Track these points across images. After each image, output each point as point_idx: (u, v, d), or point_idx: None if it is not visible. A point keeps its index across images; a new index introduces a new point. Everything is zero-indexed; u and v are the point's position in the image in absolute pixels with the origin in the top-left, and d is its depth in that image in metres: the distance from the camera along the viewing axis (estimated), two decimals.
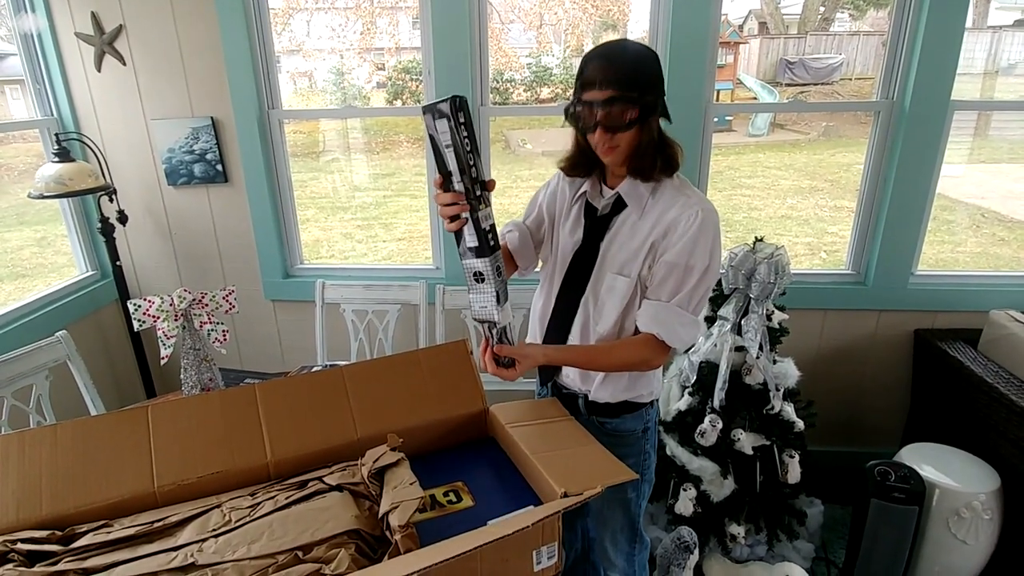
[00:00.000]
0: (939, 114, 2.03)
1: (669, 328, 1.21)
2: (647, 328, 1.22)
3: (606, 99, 1.12)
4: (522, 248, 1.41)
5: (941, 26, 1.95)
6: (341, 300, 2.24)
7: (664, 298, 1.21)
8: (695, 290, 1.19)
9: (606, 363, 1.27)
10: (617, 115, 1.13)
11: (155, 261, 2.53)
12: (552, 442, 1.18)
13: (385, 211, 6.73)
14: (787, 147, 8.47)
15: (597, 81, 1.12)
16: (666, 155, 1.21)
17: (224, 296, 1.32)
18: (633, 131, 1.15)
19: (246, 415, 1.17)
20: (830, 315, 2.32)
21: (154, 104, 2.31)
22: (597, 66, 1.13)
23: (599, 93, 1.12)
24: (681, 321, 1.21)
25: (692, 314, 1.21)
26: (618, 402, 1.33)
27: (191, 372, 1.31)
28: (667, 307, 1.20)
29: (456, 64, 2.15)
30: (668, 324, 1.20)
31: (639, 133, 1.17)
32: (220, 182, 2.37)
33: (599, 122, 1.15)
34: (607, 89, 1.11)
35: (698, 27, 2.04)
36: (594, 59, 1.14)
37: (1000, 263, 5.30)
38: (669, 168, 1.22)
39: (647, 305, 1.23)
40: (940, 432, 2.12)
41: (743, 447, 1.88)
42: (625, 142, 1.17)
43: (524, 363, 1.19)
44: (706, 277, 1.19)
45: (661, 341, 1.21)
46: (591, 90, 1.13)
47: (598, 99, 1.13)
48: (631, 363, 1.27)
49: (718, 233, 1.20)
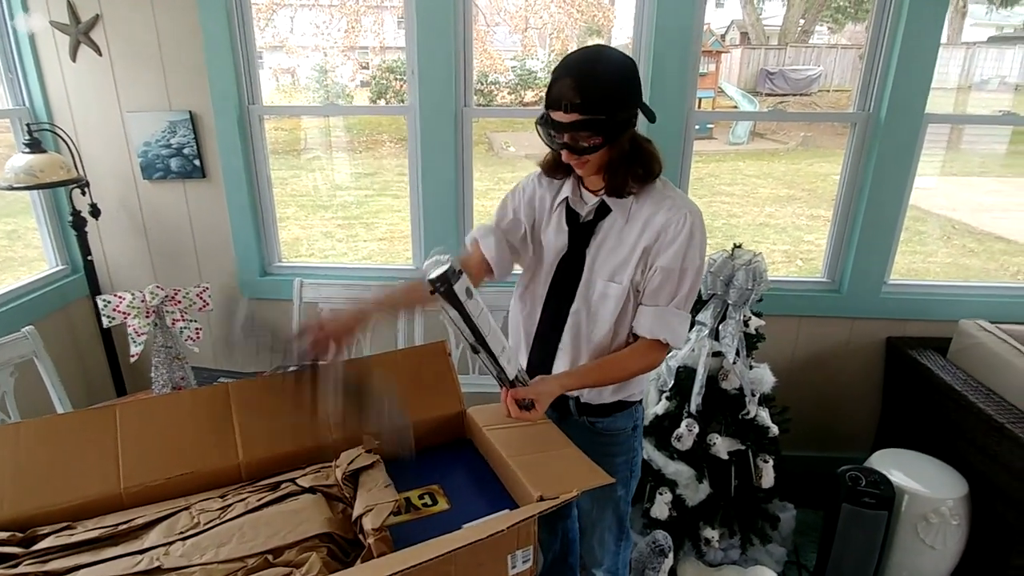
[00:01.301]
0: (913, 126, 2.08)
1: (672, 330, 1.22)
2: (651, 334, 1.23)
3: (571, 123, 1.10)
4: (498, 255, 1.36)
5: (917, 40, 2.00)
6: (319, 299, 2.21)
7: (662, 302, 1.22)
8: (690, 291, 1.22)
9: (620, 375, 1.28)
10: (583, 139, 1.12)
11: (128, 257, 2.47)
12: (529, 445, 1.18)
13: (366, 210, 6.68)
14: (766, 156, 8.59)
15: (563, 103, 1.08)
16: (641, 166, 1.19)
17: (198, 293, 1.29)
18: (602, 151, 1.14)
19: (218, 415, 1.15)
20: (805, 322, 2.36)
21: (130, 96, 2.26)
22: (564, 85, 1.08)
23: (564, 116, 1.10)
24: (680, 321, 1.23)
25: (685, 312, 1.24)
26: (609, 402, 1.34)
27: (162, 370, 1.28)
28: (667, 310, 1.22)
29: (440, 64, 2.14)
30: (670, 327, 1.22)
31: (608, 151, 1.15)
32: (197, 177, 2.33)
33: (565, 143, 1.14)
34: (572, 112, 1.09)
35: (681, 35, 2.06)
36: (562, 75, 1.10)
37: (970, 274, 5.43)
38: (646, 178, 1.21)
39: (648, 312, 1.23)
40: (910, 438, 2.16)
41: (719, 452, 1.89)
42: (594, 159, 1.16)
43: (543, 400, 1.14)
44: (697, 277, 1.22)
45: (664, 343, 1.23)
46: (556, 110, 1.11)
47: (563, 121, 1.10)
48: (641, 370, 1.28)
49: (704, 232, 1.22)
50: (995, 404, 1.84)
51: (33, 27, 2.16)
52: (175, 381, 1.30)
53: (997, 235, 6.12)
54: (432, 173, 2.27)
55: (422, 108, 2.19)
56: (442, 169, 2.26)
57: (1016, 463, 1.70)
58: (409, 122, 2.26)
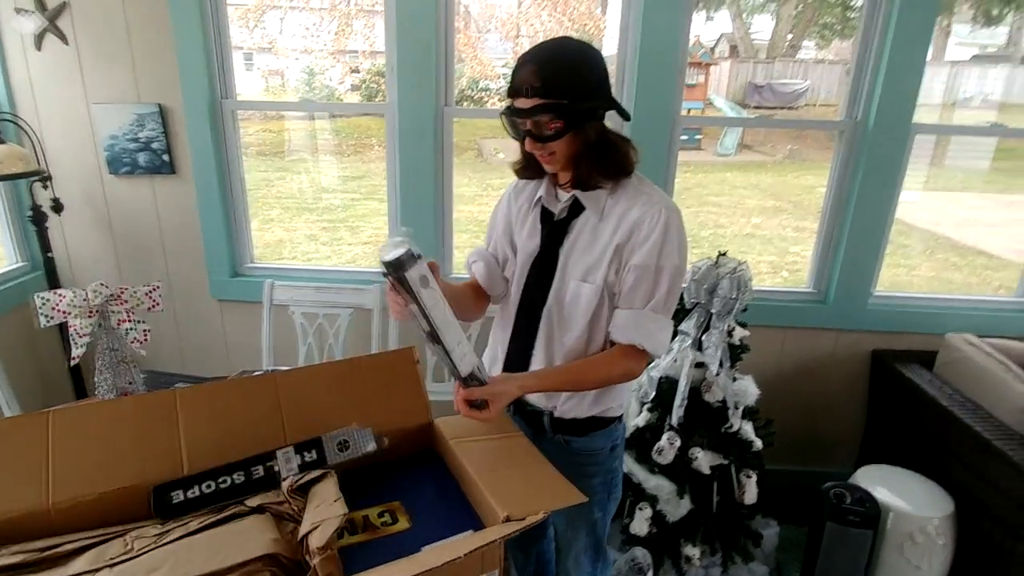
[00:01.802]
0: (901, 135, 2.04)
1: (648, 335, 1.14)
2: (625, 338, 1.15)
3: (531, 108, 1.07)
4: (490, 277, 1.33)
5: (905, 49, 1.97)
6: (290, 302, 2.13)
7: (638, 305, 1.15)
8: (669, 293, 1.14)
9: (590, 381, 1.20)
10: (544, 125, 1.09)
11: (93, 254, 2.37)
12: (499, 461, 1.11)
13: (352, 214, 6.60)
14: (753, 167, 8.64)
15: (524, 88, 1.07)
16: (610, 159, 1.14)
17: (147, 292, 1.20)
18: (566, 139, 1.10)
19: (162, 424, 1.06)
20: (790, 333, 2.31)
21: (97, 87, 2.17)
22: (526, 71, 1.07)
23: (526, 101, 1.08)
24: (659, 326, 1.15)
25: (665, 317, 1.16)
26: (586, 418, 1.26)
27: (106, 375, 1.19)
28: (643, 314, 1.14)
29: (420, 60, 2.08)
30: (647, 331, 1.14)
31: (573, 141, 1.11)
32: (166, 173, 2.24)
33: (527, 131, 1.11)
34: (533, 97, 1.06)
35: (667, 41, 2.01)
36: (525, 62, 1.08)
37: (953, 287, 5.45)
38: (616, 172, 1.16)
39: (621, 315, 1.16)
40: (895, 453, 2.11)
41: (701, 466, 1.83)
42: (560, 150, 1.12)
43: (498, 401, 1.07)
44: (677, 277, 1.14)
45: (642, 350, 1.15)
46: (519, 97, 1.08)
47: (524, 107, 1.08)
48: (614, 377, 1.20)
49: (683, 231, 1.15)
50: (982, 420, 1.79)
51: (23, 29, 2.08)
52: (121, 387, 1.21)
53: (979, 250, 6.17)
54: (411, 173, 2.20)
55: (401, 106, 2.12)
56: (421, 169, 2.19)
57: (1003, 481, 1.65)
58: (388, 121, 2.19)
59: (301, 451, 1.08)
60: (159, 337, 2.46)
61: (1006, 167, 7.64)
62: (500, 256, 1.33)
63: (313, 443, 1.09)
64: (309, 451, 1.08)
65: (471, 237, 5.97)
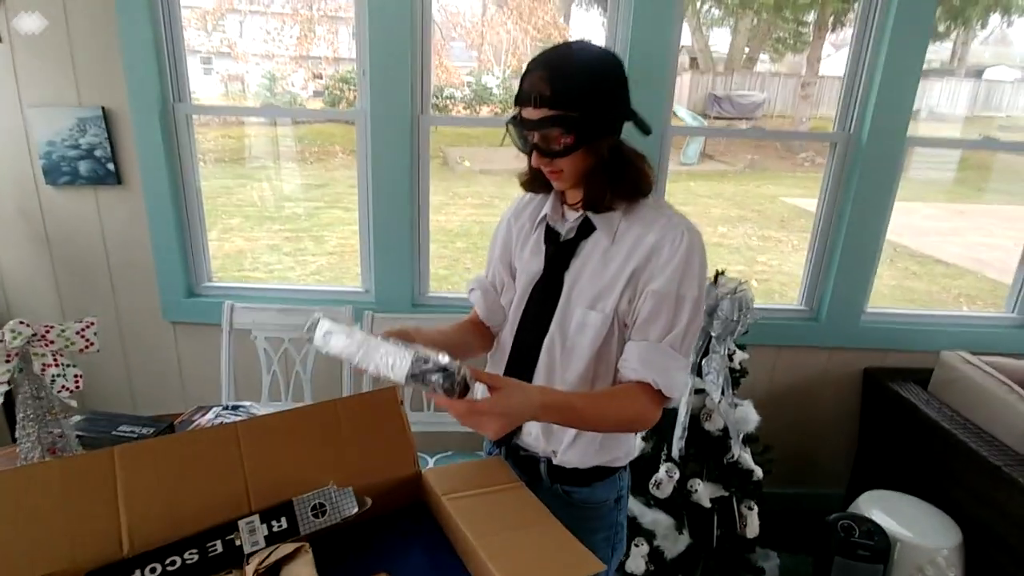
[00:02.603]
0: (896, 148, 1.99)
1: (665, 374, 0.98)
2: (638, 375, 0.99)
3: (540, 119, 0.94)
4: (488, 307, 1.19)
5: (900, 61, 1.92)
6: (252, 325, 1.94)
7: (653, 338, 1.00)
8: (688, 326, 1.00)
9: (611, 417, 1.01)
10: (553, 139, 0.96)
11: (27, 273, 2.13)
12: (498, 519, 0.96)
13: (316, 223, 6.36)
14: (716, 176, 8.74)
15: (532, 96, 0.94)
16: (626, 179, 1.01)
17: (79, 331, 1.01)
18: (576, 156, 0.97)
19: (97, 491, 0.88)
20: (783, 352, 2.23)
21: (33, 88, 1.94)
22: (535, 78, 0.94)
23: (533, 111, 0.94)
24: (676, 365, 0.99)
25: (684, 356, 1.01)
26: (589, 467, 1.11)
27: (30, 429, 0.99)
28: (659, 348, 0.99)
29: (395, 65, 1.93)
30: (663, 369, 0.98)
31: (585, 157, 0.98)
32: (111, 183, 2.02)
33: (535, 144, 0.98)
34: (542, 107, 0.93)
35: (658, 49, 1.92)
36: (534, 68, 0.95)
37: (914, 295, 5.56)
38: (631, 192, 1.02)
39: (636, 348, 1.01)
40: (890, 476, 2.05)
41: (701, 499, 1.72)
42: (569, 167, 0.99)
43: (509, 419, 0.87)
44: (697, 311, 1.00)
45: (657, 391, 0.99)
46: (526, 106, 0.95)
47: (533, 118, 0.95)
48: (628, 418, 1.02)
49: (705, 259, 1.02)
50: (987, 444, 1.73)
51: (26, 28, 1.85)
52: (48, 442, 1.01)
53: (937, 259, 6.33)
54: (384, 184, 2.04)
55: (373, 113, 1.97)
56: (395, 180, 2.04)
57: (1015, 509, 1.59)
58: (359, 128, 2.03)
59: (269, 519, 0.91)
60: (104, 367, 2.24)
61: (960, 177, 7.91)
62: (497, 283, 1.20)
63: (283, 508, 0.93)
64: (278, 519, 0.92)
65: (438, 247, 5.81)
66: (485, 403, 0.85)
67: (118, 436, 1.33)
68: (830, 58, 6.83)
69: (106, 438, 1.31)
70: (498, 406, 0.85)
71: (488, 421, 0.85)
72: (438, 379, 0.82)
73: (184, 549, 0.86)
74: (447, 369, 0.82)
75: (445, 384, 0.81)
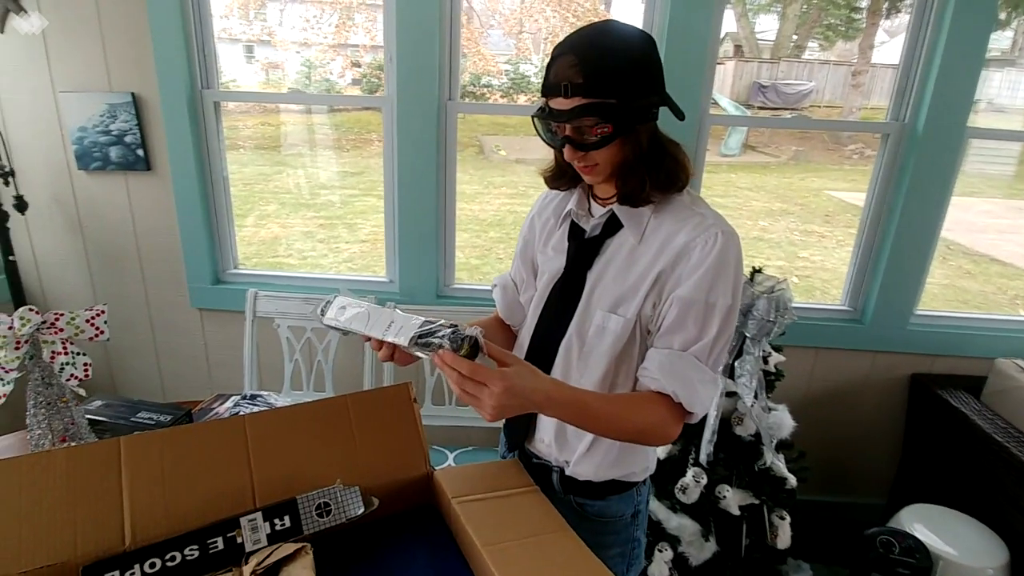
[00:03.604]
0: (954, 140, 1.85)
1: (688, 386, 0.90)
2: (658, 385, 0.92)
3: (572, 109, 0.86)
4: (507, 305, 1.15)
5: (961, 46, 1.78)
6: (275, 314, 1.93)
7: (677, 346, 0.92)
8: (717, 338, 0.91)
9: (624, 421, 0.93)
10: (588, 130, 0.87)
11: (62, 258, 2.17)
12: (510, 526, 0.91)
13: (350, 210, 6.41)
14: (758, 168, 8.49)
15: (562, 85, 0.85)
16: (663, 171, 0.92)
17: (89, 319, 1.00)
18: (613, 147, 0.89)
19: (102, 482, 0.87)
20: (822, 354, 2.12)
21: (65, 74, 1.97)
22: (564, 64, 0.86)
23: (564, 101, 0.86)
24: (701, 378, 0.91)
25: (712, 370, 0.92)
26: (603, 481, 1.05)
27: (40, 416, 0.99)
28: (683, 358, 0.91)
29: (423, 50, 1.88)
30: (687, 381, 0.90)
31: (622, 149, 0.90)
32: (141, 169, 2.04)
33: (567, 137, 0.89)
34: (574, 96, 0.85)
35: (697, 34, 1.82)
36: (562, 54, 0.86)
37: (967, 296, 5.29)
38: (668, 186, 0.94)
39: (657, 355, 0.93)
40: (935, 489, 1.93)
41: (729, 506, 1.64)
42: (604, 160, 0.91)
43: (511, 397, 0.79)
44: (728, 321, 0.91)
45: (678, 404, 0.92)
46: (556, 96, 0.87)
47: (564, 109, 0.86)
48: (643, 428, 0.94)
49: (741, 264, 0.92)
50: None
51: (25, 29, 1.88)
52: (59, 430, 1.01)
53: (992, 257, 6.00)
54: (410, 169, 2.00)
55: (400, 99, 1.93)
56: (422, 167, 2.00)
57: None
58: (385, 114, 1.99)
59: (272, 517, 0.88)
60: (134, 352, 2.27)
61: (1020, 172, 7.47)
62: (518, 280, 1.14)
63: (287, 506, 0.90)
64: (281, 517, 0.89)
65: (471, 236, 5.78)
66: (490, 371, 0.79)
67: (136, 423, 1.33)
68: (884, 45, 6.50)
69: (124, 425, 1.31)
70: (504, 378, 0.78)
71: (488, 394, 0.78)
72: (445, 335, 0.79)
73: (185, 545, 0.84)
74: (456, 327, 0.80)
75: (453, 339, 0.78)
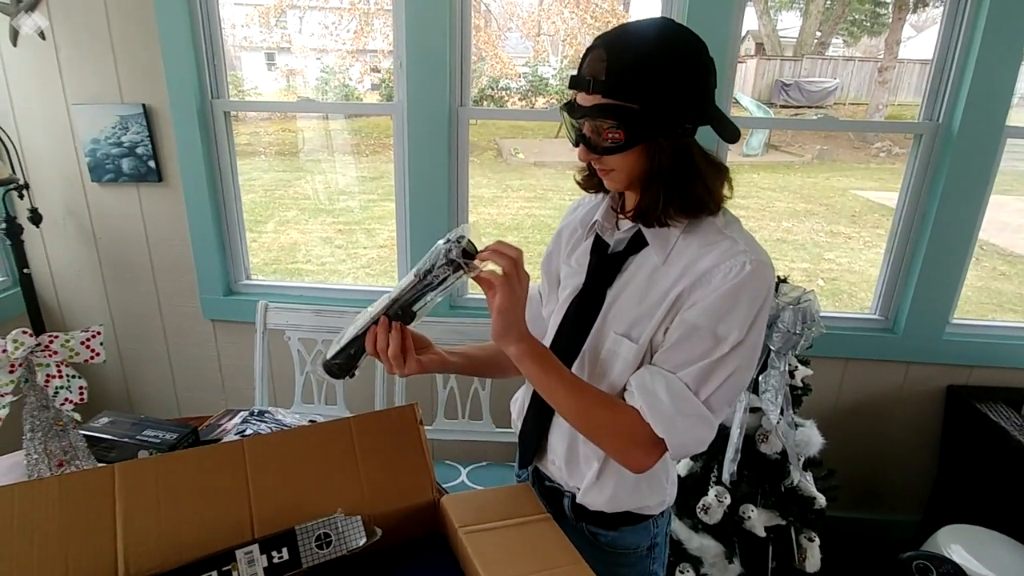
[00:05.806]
0: (992, 140, 1.76)
1: (658, 407, 0.82)
2: (630, 397, 0.86)
3: (591, 107, 0.80)
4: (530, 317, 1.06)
5: (998, 41, 1.68)
6: (286, 326, 1.90)
7: (667, 366, 0.84)
8: (715, 369, 0.81)
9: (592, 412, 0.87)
10: (602, 130, 0.81)
11: (76, 270, 2.17)
12: (519, 559, 0.86)
13: (369, 215, 6.42)
14: (781, 168, 8.31)
15: (586, 80, 0.80)
16: (689, 192, 0.84)
17: (84, 340, 0.97)
18: (628, 156, 0.82)
19: (96, 510, 0.84)
20: (852, 365, 2.03)
21: (77, 86, 1.96)
22: (594, 58, 0.80)
23: (587, 97, 0.81)
24: (684, 408, 0.81)
25: (704, 404, 0.82)
26: (615, 513, 0.99)
27: (37, 441, 0.96)
28: (667, 377, 0.83)
29: (433, 56, 1.84)
30: (658, 401, 0.82)
31: (639, 160, 0.83)
32: (152, 181, 2.03)
33: (582, 135, 0.83)
34: (595, 93, 0.79)
35: (718, 32, 1.75)
36: (596, 46, 0.81)
37: (1002, 298, 5.11)
38: (695, 209, 0.85)
39: (643, 369, 0.86)
40: (974, 508, 1.83)
41: (754, 526, 1.57)
42: (619, 167, 0.84)
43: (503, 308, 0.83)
44: (734, 358, 0.81)
45: (643, 421, 0.83)
46: (580, 91, 0.81)
47: (584, 104, 0.81)
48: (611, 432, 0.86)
49: (768, 299, 0.83)
50: None
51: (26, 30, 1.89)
52: (57, 454, 0.98)
53: None
54: (421, 176, 1.96)
55: (410, 106, 1.89)
56: (433, 174, 1.96)
57: None
58: (396, 121, 1.96)
59: (269, 549, 0.84)
60: (148, 364, 2.27)
61: None
62: (543, 292, 1.09)
63: (285, 537, 0.86)
64: (279, 549, 0.85)
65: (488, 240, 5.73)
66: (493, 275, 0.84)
67: (141, 441, 1.31)
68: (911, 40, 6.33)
69: (129, 443, 1.29)
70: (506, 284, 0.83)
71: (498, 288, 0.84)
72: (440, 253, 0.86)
73: None
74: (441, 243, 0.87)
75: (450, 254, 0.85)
